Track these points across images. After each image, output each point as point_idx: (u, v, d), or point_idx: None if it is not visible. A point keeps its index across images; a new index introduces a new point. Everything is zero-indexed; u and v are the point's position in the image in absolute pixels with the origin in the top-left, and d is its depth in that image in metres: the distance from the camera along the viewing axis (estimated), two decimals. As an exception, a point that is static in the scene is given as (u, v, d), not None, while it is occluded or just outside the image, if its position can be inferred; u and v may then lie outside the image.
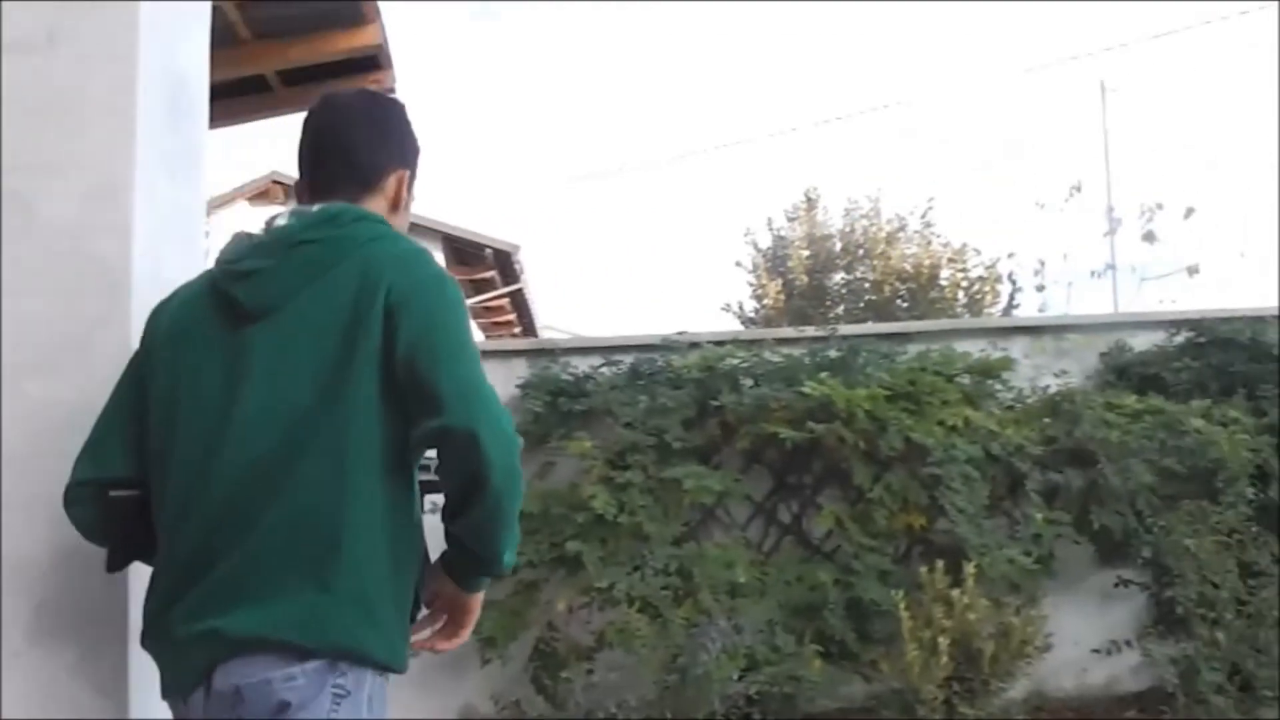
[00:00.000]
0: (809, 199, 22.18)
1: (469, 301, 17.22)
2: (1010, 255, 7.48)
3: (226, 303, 1.75)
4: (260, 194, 19.67)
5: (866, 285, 20.65)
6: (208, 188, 2.62)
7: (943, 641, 4.31)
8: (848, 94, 37.84)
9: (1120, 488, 5.26)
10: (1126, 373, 5.83)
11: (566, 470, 5.48)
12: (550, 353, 5.81)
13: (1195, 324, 5.89)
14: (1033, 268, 8.08)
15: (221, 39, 3.25)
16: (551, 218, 38.52)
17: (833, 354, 5.58)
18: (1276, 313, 5.86)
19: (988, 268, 19.98)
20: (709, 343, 5.70)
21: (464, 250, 16.29)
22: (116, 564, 1.89)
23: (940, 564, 4.74)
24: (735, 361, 5.60)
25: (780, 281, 20.93)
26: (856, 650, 5.05)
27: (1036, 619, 4.62)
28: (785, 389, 5.29)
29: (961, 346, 5.78)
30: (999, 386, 5.62)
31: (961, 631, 4.38)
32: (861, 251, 21.27)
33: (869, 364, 5.47)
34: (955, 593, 4.49)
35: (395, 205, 1.91)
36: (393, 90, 7.47)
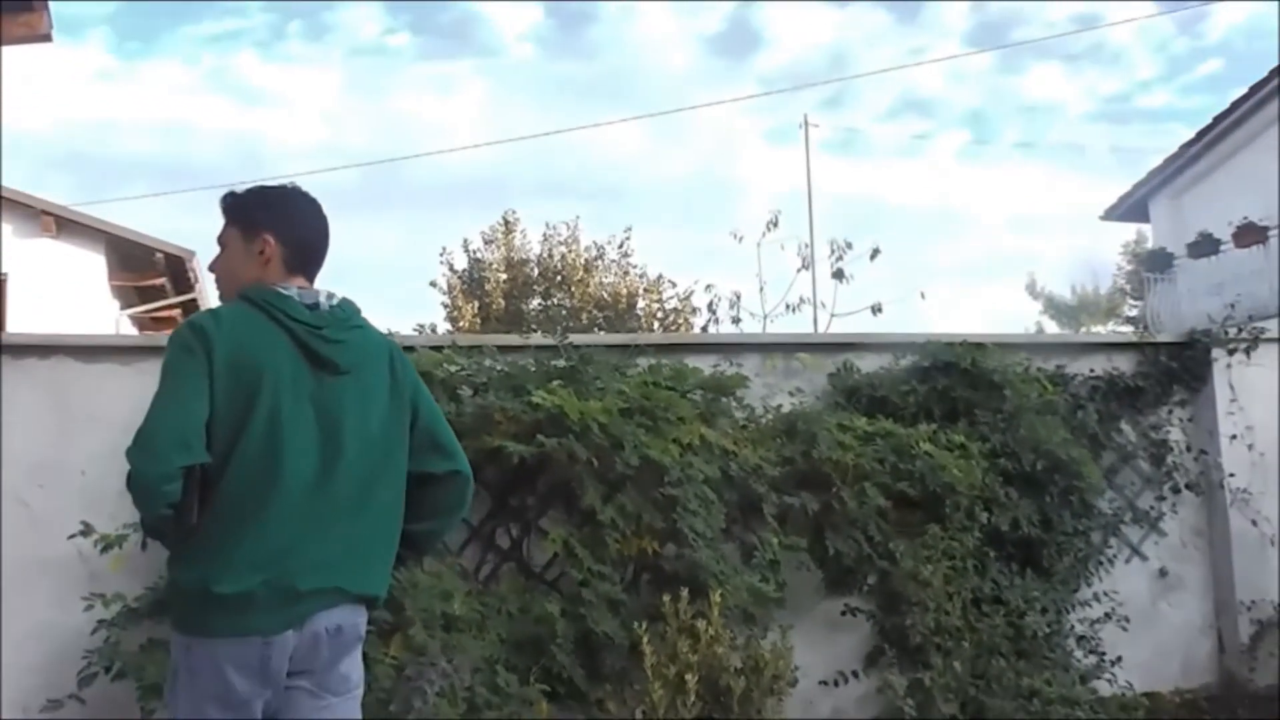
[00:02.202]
0: (507, 222, 21.83)
1: (135, 310, 15.63)
2: (708, 287, 7.28)
3: (320, 359, 2.49)
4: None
5: (564, 311, 20.48)
6: None
7: (690, 678, 3.89)
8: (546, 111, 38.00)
9: (856, 512, 5.08)
10: (856, 394, 5.69)
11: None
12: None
13: (919, 348, 5.84)
14: (729, 299, 7.99)
15: None
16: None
17: (561, 363, 5.10)
18: (993, 340, 5.90)
19: (682, 299, 20.27)
20: (424, 347, 5.08)
21: (130, 255, 14.81)
22: (178, 533, 2.39)
23: (685, 592, 4.33)
24: (453, 369, 5.02)
25: (476, 304, 20.40)
26: (585, 689, 4.56)
27: (784, 650, 4.30)
28: (512, 399, 4.75)
29: (691, 362, 5.45)
30: (733, 404, 5.32)
31: (709, 666, 3.98)
32: (560, 278, 21.10)
33: (599, 376, 5.03)
34: (701, 624, 4.09)
35: None
36: (48, 36, 6.40)
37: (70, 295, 13.01)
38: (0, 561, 4.53)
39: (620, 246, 21.53)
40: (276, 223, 2.60)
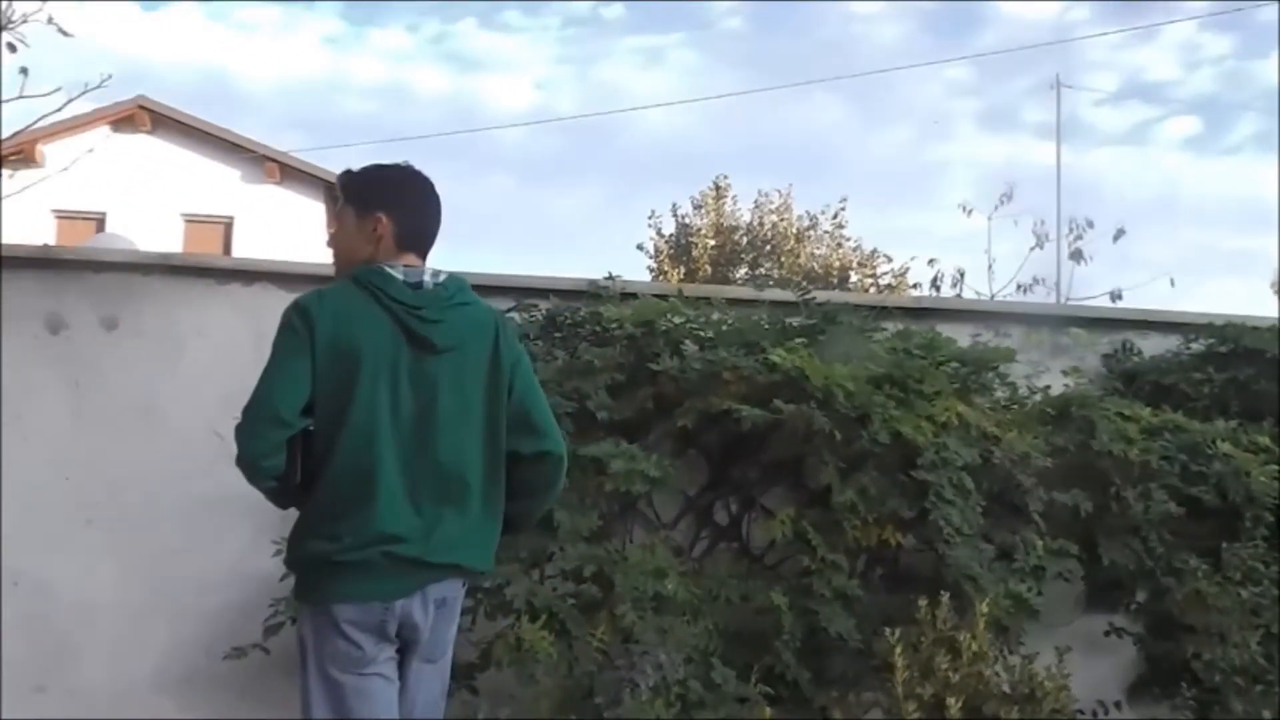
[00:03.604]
0: (718, 187, 21.28)
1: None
2: (930, 261, 6.57)
3: (417, 338, 2.54)
4: (124, 119, 17.96)
5: (771, 282, 19.82)
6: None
7: (953, 702, 3.24)
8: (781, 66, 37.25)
9: (1139, 516, 4.31)
10: (1136, 379, 4.89)
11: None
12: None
13: (1217, 330, 4.97)
14: (952, 276, 7.23)
15: None
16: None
17: (799, 322, 4.49)
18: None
19: (897, 274, 19.32)
20: (649, 294, 4.56)
21: None
22: (289, 501, 2.63)
23: (945, 597, 3.68)
24: (678, 320, 4.48)
25: (682, 270, 19.94)
26: (810, 694, 3.98)
27: (1061, 676, 3.59)
28: (744, 357, 4.18)
29: (944, 330, 4.75)
30: (996, 381, 4.60)
31: (972, 688, 3.33)
32: (769, 247, 20.43)
33: (841, 338, 4.40)
34: (964, 636, 3.43)
35: None
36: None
37: (290, 239, 13.22)
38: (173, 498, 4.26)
39: (834, 217, 20.70)
40: (390, 203, 2.65)
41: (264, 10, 36.77)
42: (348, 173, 2.76)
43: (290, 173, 16.78)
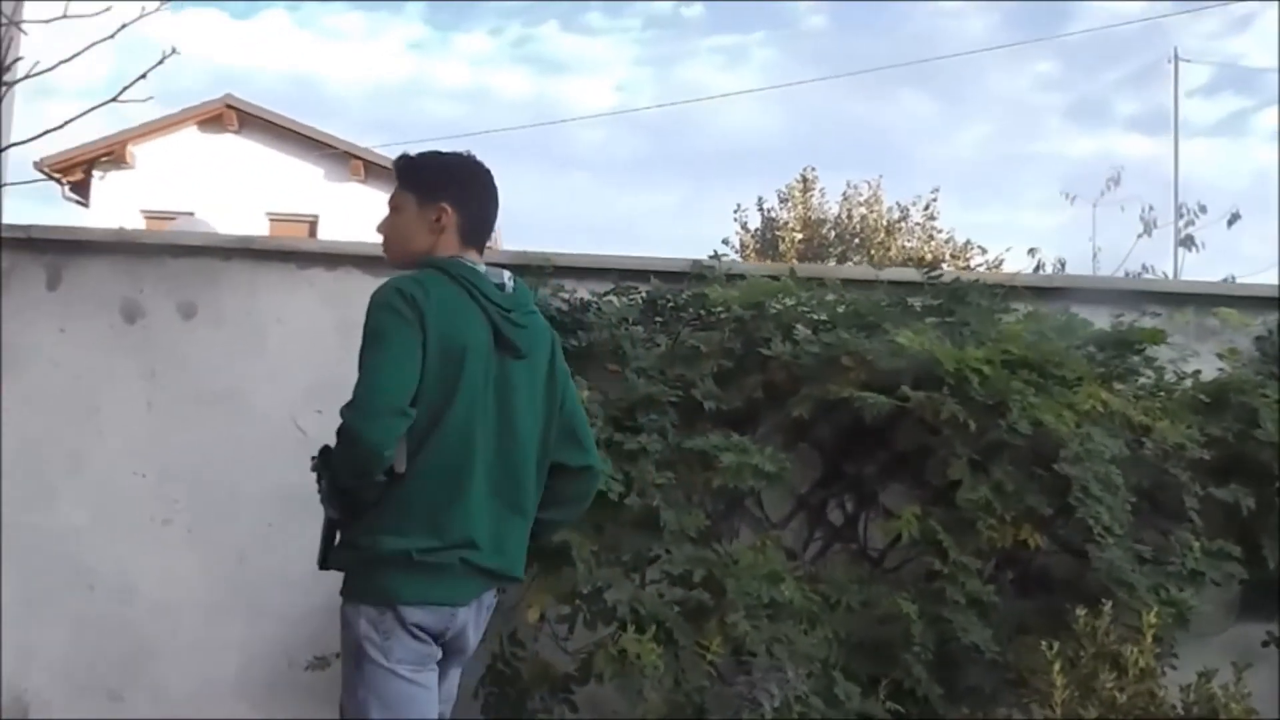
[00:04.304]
0: (805, 179, 20.83)
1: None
2: (1031, 251, 6.10)
3: (504, 341, 2.47)
4: (213, 118, 18.07)
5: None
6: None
7: (1122, 727, 2.85)
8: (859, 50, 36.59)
9: (1310, 515, 3.86)
10: (1293, 364, 4.41)
11: (551, 428, 3.97)
12: (538, 270, 4.30)
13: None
14: (1054, 265, 6.79)
15: None
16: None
17: (922, 303, 4.11)
18: None
19: (992, 265, 18.67)
20: (759, 275, 4.21)
21: None
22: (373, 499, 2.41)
23: (1108, 606, 3.28)
24: (790, 301, 4.12)
25: (770, 264, 19.52)
26: (943, 712, 3.60)
27: (1242, 694, 3.17)
28: (866, 339, 3.81)
29: (1078, 312, 4.33)
30: (1141, 365, 4.16)
31: (1142, 710, 2.92)
32: (858, 240, 19.92)
33: (968, 320, 4.01)
34: (1130, 651, 3.03)
35: None
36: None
37: (375, 236, 13.10)
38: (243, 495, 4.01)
39: (925, 208, 20.11)
40: (455, 193, 2.56)
41: (350, 17, 37.23)
42: (407, 157, 2.66)
43: (375, 170, 16.72)
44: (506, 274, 2.57)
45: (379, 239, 2.70)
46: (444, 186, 2.56)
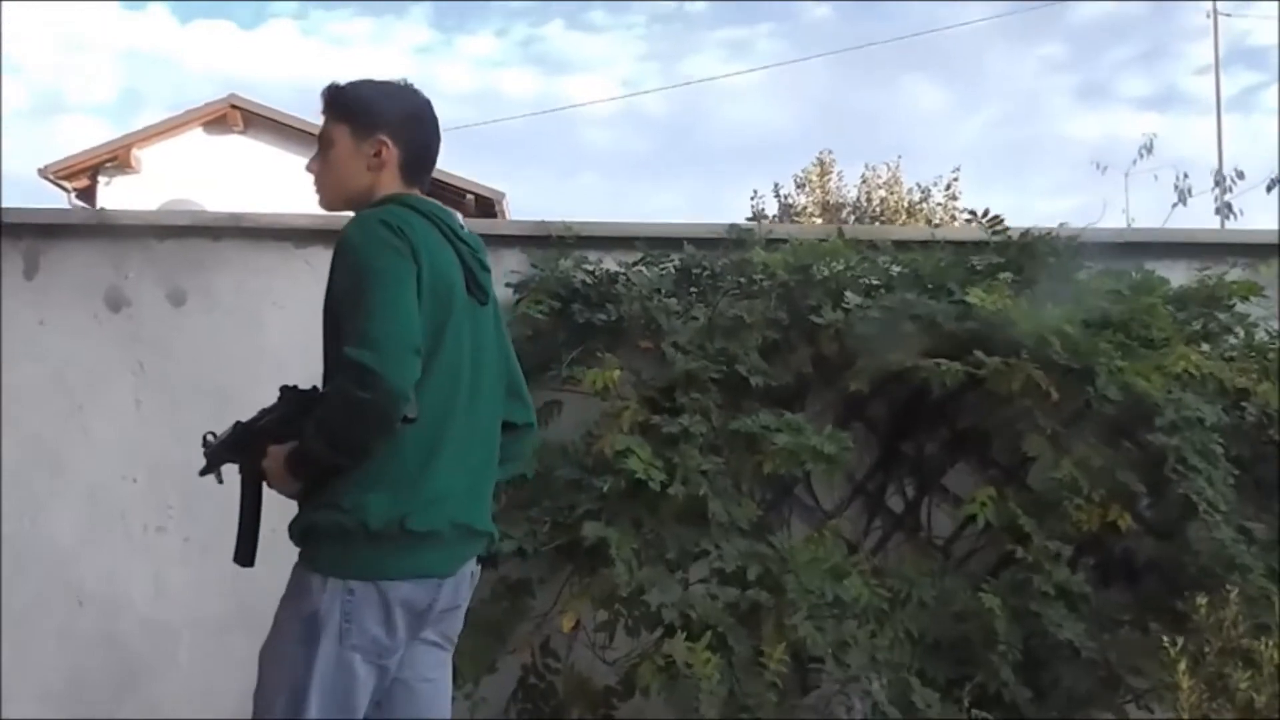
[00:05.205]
0: (822, 163, 20.37)
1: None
2: (1061, 225, 5.65)
3: (477, 284, 2.20)
4: (217, 119, 17.76)
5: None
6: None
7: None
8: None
9: None
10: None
11: (580, 412, 3.57)
12: (560, 241, 3.90)
13: None
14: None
15: None
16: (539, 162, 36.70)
17: (986, 261, 3.70)
18: None
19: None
20: (802, 239, 3.80)
21: (441, 195, 14.76)
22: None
23: (1234, 594, 2.86)
24: (838, 267, 3.72)
25: (789, 250, 19.09)
26: (1033, 717, 3.19)
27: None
28: (927, 301, 3.41)
29: (1154, 269, 3.91)
30: (1232, 322, 3.74)
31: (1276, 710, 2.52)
32: (878, 223, 19.44)
33: (1047, 276, 3.60)
34: (1266, 644, 2.62)
35: None
36: None
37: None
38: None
39: (947, 188, 19.64)
40: (394, 122, 2.23)
41: (356, 23, 37.00)
42: (337, 86, 2.28)
43: (383, 166, 16.42)
44: (459, 214, 2.28)
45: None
46: (381, 116, 2.22)
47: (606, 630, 3.22)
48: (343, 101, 2.25)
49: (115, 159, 17.20)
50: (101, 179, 17.28)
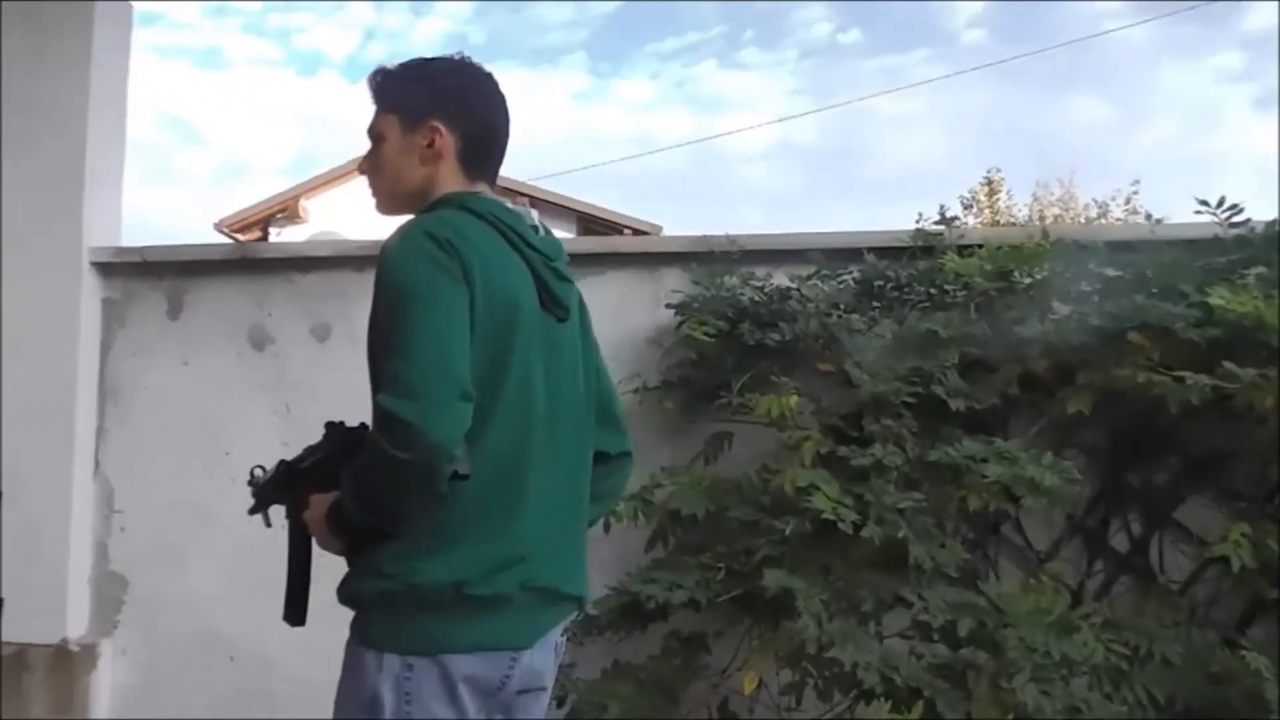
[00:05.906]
0: (990, 182, 19.62)
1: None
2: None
3: (552, 298, 1.86)
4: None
5: (1060, 278, 18.00)
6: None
7: None
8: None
9: None
10: None
11: (754, 444, 3.21)
12: (724, 256, 3.55)
13: None
14: None
15: None
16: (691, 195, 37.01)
17: (1225, 259, 3.18)
18: None
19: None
20: (1000, 245, 3.35)
21: (598, 231, 14.94)
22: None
23: None
24: (1043, 274, 3.26)
25: (957, 274, 18.40)
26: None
27: None
28: (1157, 304, 2.92)
29: None
30: None
31: None
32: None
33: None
34: None
35: None
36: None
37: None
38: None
39: (1126, 203, 18.63)
40: (447, 104, 1.90)
41: (515, 74, 38.08)
42: (383, 70, 1.95)
43: (542, 206, 16.51)
44: (534, 212, 1.93)
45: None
46: (431, 98, 1.90)
47: (793, 693, 2.81)
48: (389, 86, 1.94)
49: (285, 210, 17.79)
50: (273, 230, 17.88)
